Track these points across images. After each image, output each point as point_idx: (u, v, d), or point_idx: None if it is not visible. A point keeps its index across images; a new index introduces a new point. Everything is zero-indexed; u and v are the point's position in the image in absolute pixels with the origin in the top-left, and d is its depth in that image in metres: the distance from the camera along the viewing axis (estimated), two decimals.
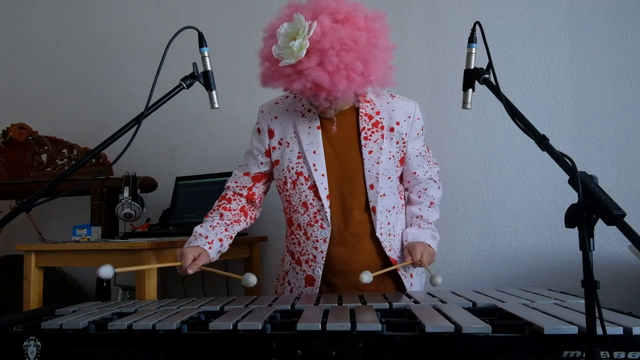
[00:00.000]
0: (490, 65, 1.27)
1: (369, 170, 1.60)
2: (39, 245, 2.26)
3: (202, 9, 2.85)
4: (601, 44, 2.22)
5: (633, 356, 0.95)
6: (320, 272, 1.64)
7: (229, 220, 1.68)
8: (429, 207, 1.74)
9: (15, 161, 2.80)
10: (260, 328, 1.08)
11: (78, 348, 1.14)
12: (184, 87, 1.43)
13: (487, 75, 1.28)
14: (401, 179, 1.74)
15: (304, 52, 1.36)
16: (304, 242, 1.66)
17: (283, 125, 1.66)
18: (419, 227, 1.71)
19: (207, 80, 1.45)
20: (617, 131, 2.18)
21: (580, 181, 0.88)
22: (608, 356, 0.91)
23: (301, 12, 1.40)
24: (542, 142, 1.04)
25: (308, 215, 1.63)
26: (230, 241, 1.68)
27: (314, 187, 1.60)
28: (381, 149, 1.61)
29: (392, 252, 1.66)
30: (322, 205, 1.60)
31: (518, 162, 2.29)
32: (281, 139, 1.66)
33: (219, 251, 1.63)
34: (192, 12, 2.87)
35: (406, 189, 1.78)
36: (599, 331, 0.84)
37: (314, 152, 1.61)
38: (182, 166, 2.84)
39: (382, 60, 1.46)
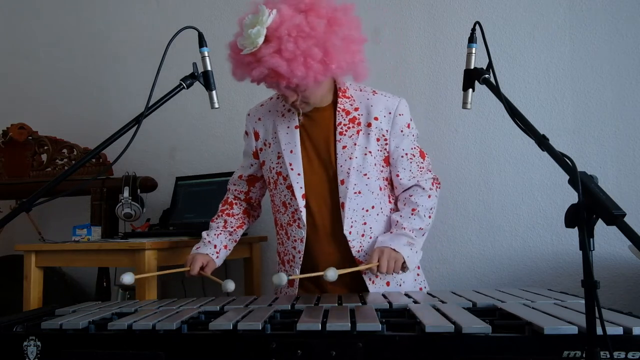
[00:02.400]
0: (490, 65, 1.27)
1: (341, 166, 1.59)
2: (39, 245, 2.26)
3: (202, 9, 2.85)
4: (601, 44, 2.22)
5: (633, 356, 0.95)
6: (298, 272, 1.64)
7: (233, 226, 1.78)
8: (411, 214, 1.61)
9: (15, 161, 2.80)
10: (260, 328, 1.08)
11: (78, 348, 1.14)
12: (184, 87, 1.43)
13: (487, 75, 1.28)
14: (392, 184, 1.70)
15: (262, 39, 1.38)
16: (285, 241, 1.68)
17: (266, 126, 1.69)
18: (391, 233, 1.60)
19: (207, 80, 1.45)
20: (617, 131, 2.18)
21: (580, 181, 0.88)
22: (608, 356, 0.90)
23: (267, 4, 1.42)
24: (542, 142, 1.03)
25: (287, 215, 1.65)
26: (235, 244, 1.81)
27: (290, 187, 1.61)
28: (355, 144, 1.58)
29: (361, 254, 1.61)
30: (298, 204, 1.60)
31: (518, 162, 2.29)
32: (265, 140, 1.69)
33: (225, 256, 1.77)
34: (192, 12, 2.87)
35: (397, 199, 1.70)
36: (599, 331, 0.84)
37: (291, 151, 1.62)
38: (182, 166, 2.84)
39: (345, 49, 1.44)
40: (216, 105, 1.48)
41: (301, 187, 1.60)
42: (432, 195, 1.66)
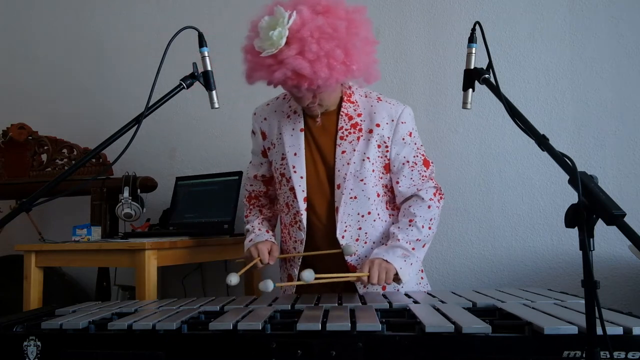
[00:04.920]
0: (490, 65, 1.27)
1: (339, 170, 1.59)
2: (39, 245, 2.26)
3: (202, 9, 2.85)
4: (601, 44, 2.22)
5: (633, 356, 0.95)
6: (297, 272, 1.66)
7: (268, 214, 1.80)
8: (408, 225, 1.58)
9: (15, 161, 2.80)
10: (260, 328, 1.08)
11: (78, 348, 1.14)
12: (184, 87, 1.43)
13: (487, 75, 1.28)
14: (393, 192, 1.68)
15: (284, 40, 1.37)
16: (287, 241, 1.71)
17: (271, 126, 1.69)
18: (386, 245, 1.58)
19: (207, 80, 1.45)
20: (617, 131, 2.18)
21: (580, 181, 0.88)
22: (608, 356, 0.91)
23: (284, 6, 1.42)
24: (542, 142, 1.03)
25: (289, 216, 1.66)
26: (273, 230, 1.79)
27: (293, 189, 1.61)
28: (354, 150, 1.59)
29: (354, 259, 1.62)
30: (299, 207, 1.61)
31: (518, 162, 2.29)
32: (271, 140, 1.69)
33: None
34: (192, 12, 2.87)
35: (398, 209, 1.69)
36: (599, 331, 0.84)
37: (295, 154, 1.62)
38: (182, 166, 2.84)
39: (363, 50, 1.45)
40: (216, 105, 1.48)
41: (303, 190, 1.60)
42: (433, 205, 1.62)
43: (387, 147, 1.60)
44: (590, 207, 0.86)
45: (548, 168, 2.22)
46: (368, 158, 1.58)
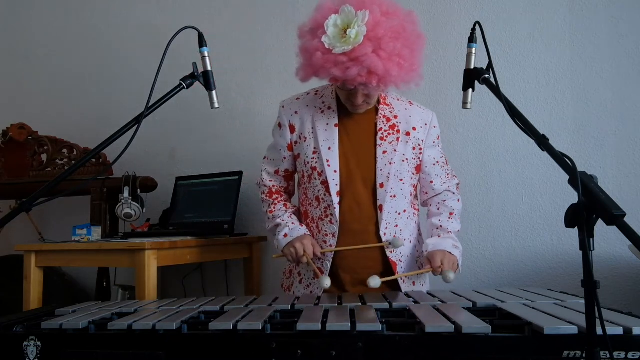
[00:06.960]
0: (490, 65, 1.27)
1: (381, 170, 1.63)
2: (39, 245, 2.26)
3: (202, 9, 2.85)
4: (601, 44, 2.22)
5: (633, 356, 0.95)
6: (329, 265, 1.67)
7: (292, 209, 1.78)
8: (449, 218, 1.72)
9: (15, 161, 2.80)
10: (260, 328, 1.08)
11: (78, 348, 1.15)
12: (184, 87, 1.43)
13: (487, 75, 1.28)
14: (418, 189, 1.77)
15: (361, 38, 1.39)
16: (316, 235, 1.70)
17: (303, 120, 1.70)
18: (439, 237, 1.68)
19: (207, 80, 1.45)
20: (617, 131, 2.18)
21: (580, 181, 0.88)
22: (608, 356, 0.91)
23: (353, 6, 1.43)
24: (542, 142, 1.04)
25: (320, 210, 1.67)
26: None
27: (326, 183, 1.63)
28: (395, 150, 1.64)
29: (394, 255, 1.67)
30: (332, 201, 1.62)
31: (518, 162, 2.29)
32: (301, 134, 1.69)
33: None
34: (192, 12, 2.87)
35: (425, 203, 1.78)
36: (599, 331, 0.84)
37: (329, 148, 1.64)
38: (182, 166, 2.84)
39: (421, 53, 1.51)
40: (216, 105, 1.48)
41: (337, 184, 1.63)
42: (460, 199, 1.78)
43: (420, 149, 1.69)
44: (590, 207, 0.86)
45: (548, 168, 2.22)
46: (406, 159, 1.66)
